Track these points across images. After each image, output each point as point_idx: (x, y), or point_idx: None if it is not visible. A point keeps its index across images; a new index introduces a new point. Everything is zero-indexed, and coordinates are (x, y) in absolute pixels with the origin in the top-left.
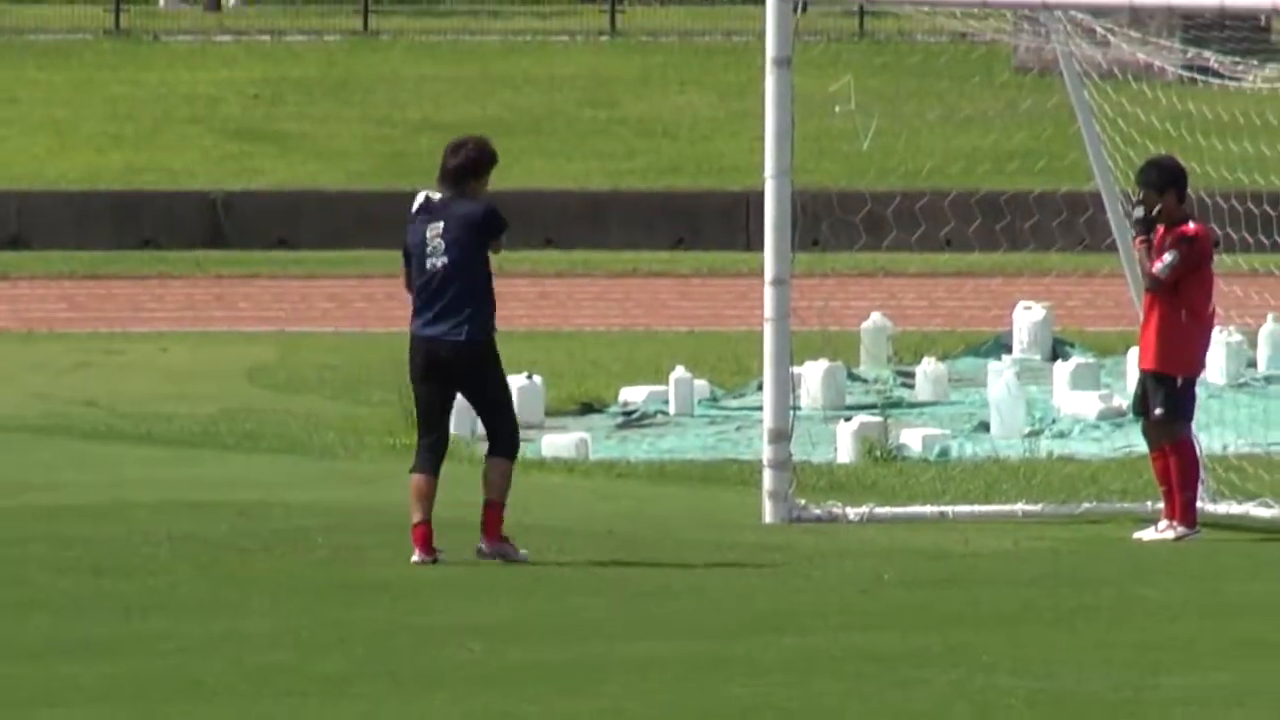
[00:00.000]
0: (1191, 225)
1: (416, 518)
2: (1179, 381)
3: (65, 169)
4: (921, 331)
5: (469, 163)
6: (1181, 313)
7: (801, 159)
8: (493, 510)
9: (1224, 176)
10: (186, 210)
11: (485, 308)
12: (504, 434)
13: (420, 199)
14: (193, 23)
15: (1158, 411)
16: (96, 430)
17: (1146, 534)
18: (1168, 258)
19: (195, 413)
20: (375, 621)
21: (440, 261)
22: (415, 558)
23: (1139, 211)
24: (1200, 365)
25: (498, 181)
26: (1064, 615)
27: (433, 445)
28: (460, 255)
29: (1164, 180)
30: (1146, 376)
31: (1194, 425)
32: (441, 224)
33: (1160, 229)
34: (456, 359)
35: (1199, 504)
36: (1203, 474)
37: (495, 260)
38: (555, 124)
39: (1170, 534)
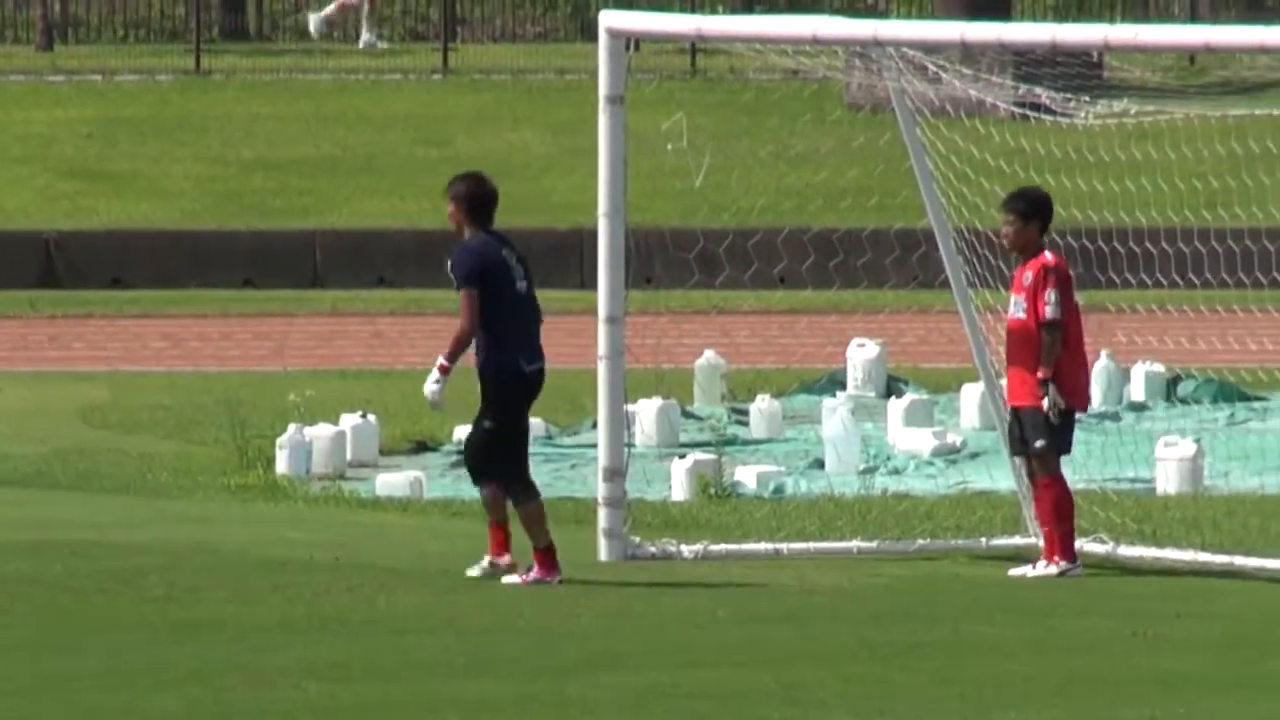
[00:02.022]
0: (1049, 255)
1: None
2: (1062, 407)
3: None
4: (755, 369)
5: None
6: (1059, 346)
7: (635, 197)
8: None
9: (1057, 213)
10: (19, 250)
11: None
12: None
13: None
14: (25, 62)
15: (1039, 444)
16: None
17: (1025, 570)
18: (1051, 297)
19: (29, 453)
20: (210, 661)
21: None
22: (560, 577)
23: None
24: (1086, 397)
25: (330, 218)
26: (899, 652)
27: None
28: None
29: (1030, 210)
30: (1022, 412)
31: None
32: (514, 254)
33: (1020, 263)
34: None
35: (1033, 541)
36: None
37: (329, 299)
38: (388, 162)
39: (1053, 569)
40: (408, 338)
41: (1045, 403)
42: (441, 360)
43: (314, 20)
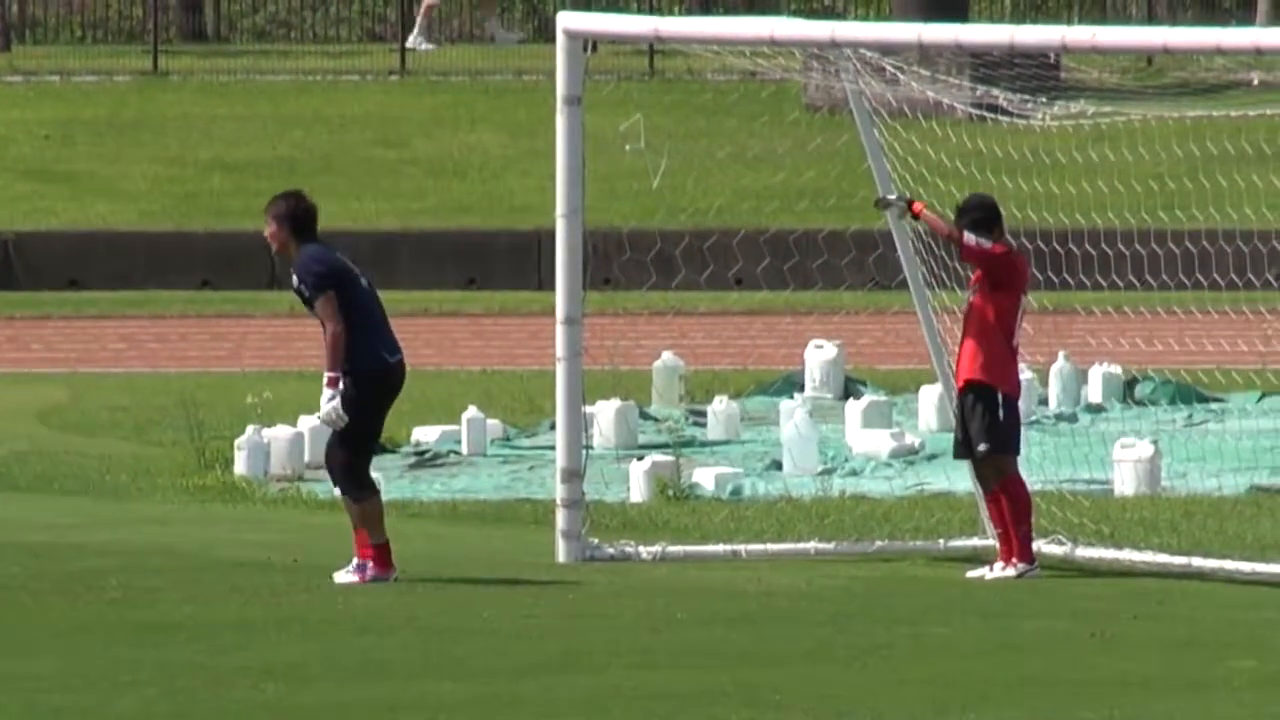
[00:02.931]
0: (1002, 246)
1: (386, 536)
2: (1000, 396)
3: None
4: (713, 370)
5: None
6: (994, 331)
7: (592, 198)
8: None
9: (1014, 214)
10: None
11: None
12: None
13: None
14: None
15: (981, 448)
16: None
17: (983, 572)
18: (973, 240)
19: None
20: (168, 662)
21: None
22: (395, 574)
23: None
24: (1018, 387)
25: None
26: (857, 654)
27: None
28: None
29: (987, 218)
30: (965, 398)
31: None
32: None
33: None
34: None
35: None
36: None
37: (287, 300)
38: (345, 163)
39: (1011, 571)
40: None
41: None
42: (328, 374)
43: (414, 39)
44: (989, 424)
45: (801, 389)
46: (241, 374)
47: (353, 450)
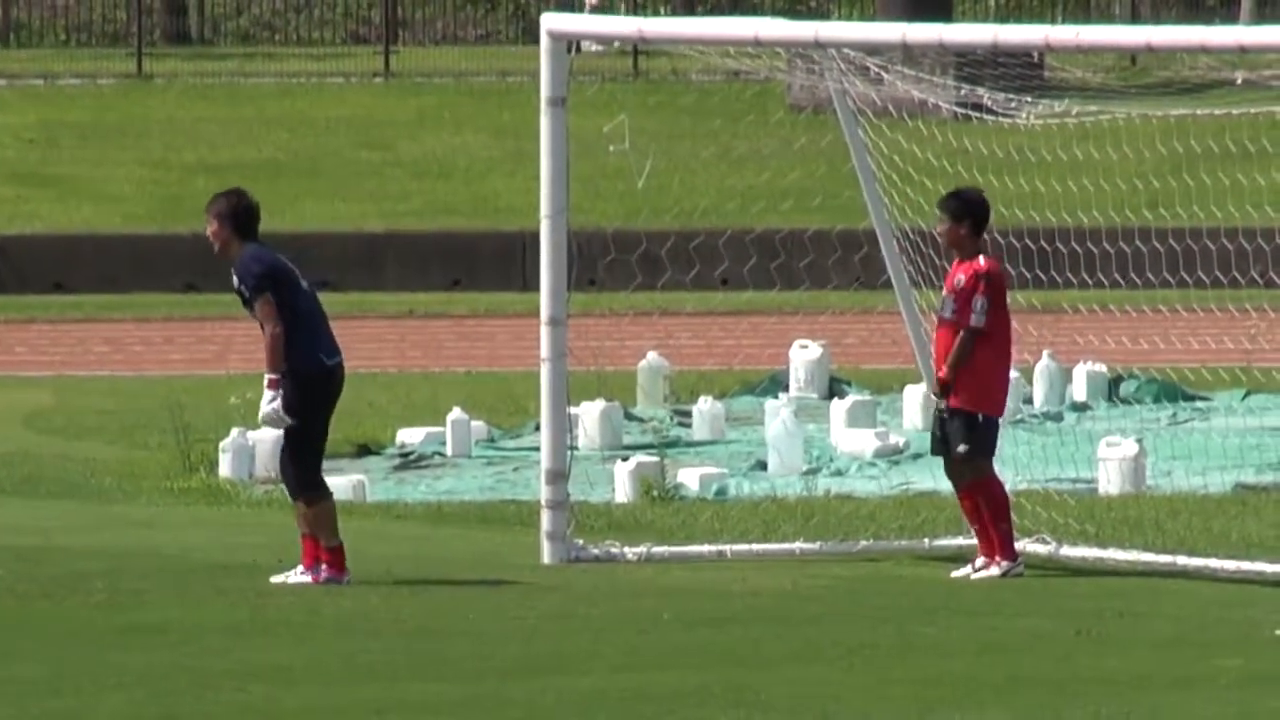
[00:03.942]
0: (983, 260)
1: (340, 539)
2: (980, 418)
3: None
4: (698, 371)
5: None
6: (985, 352)
7: (577, 199)
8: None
9: (1000, 213)
10: None
11: None
12: None
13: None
14: None
15: (961, 448)
16: None
17: (965, 571)
18: (978, 305)
19: None
20: (154, 665)
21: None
22: (349, 577)
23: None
24: (1003, 404)
25: (273, 222)
26: (843, 654)
27: None
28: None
29: (961, 210)
30: (946, 414)
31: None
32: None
33: (955, 261)
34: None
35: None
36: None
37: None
38: (330, 165)
39: (995, 570)
40: (350, 341)
41: (937, 400)
42: (268, 376)
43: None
44: (968, 434)
45: (786, 389)
46: (226, 377)
47: (301, 454)
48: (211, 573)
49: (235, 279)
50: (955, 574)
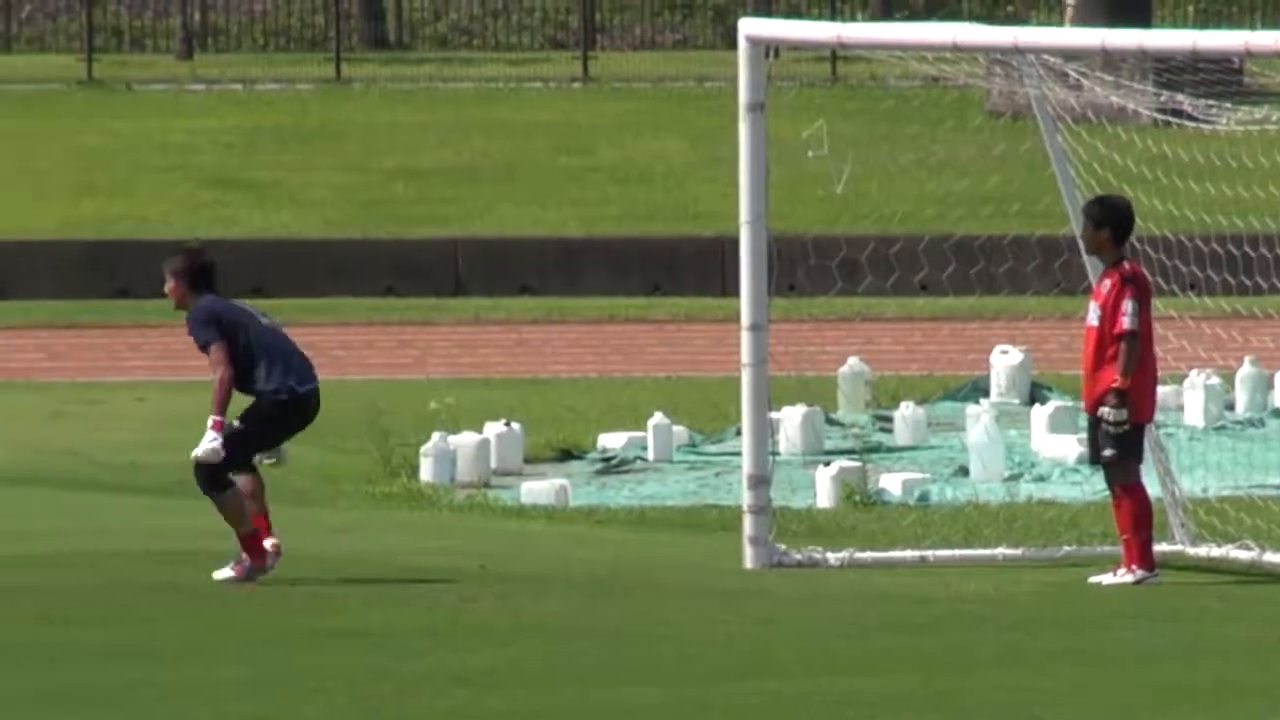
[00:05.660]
0: (1127, 264)
1: (251, 527)
2: (1128, 425)
3: (40, 219)
4: (899, 376)
5: None
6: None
7: (776, 204)
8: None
9: (1200, 219)
10: (161, 259)
11: None
12: None
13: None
14: (165, 71)
15: (1108, 452)
16: (75, 480)
17: (1105, 579)
18: (1128, 308)
19: (172, 461)
20: (355, 668)
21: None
22: (270, 565)
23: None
24: (1149, 410)
25: (472, 226)
26: (1046, 659)
27: None
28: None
29: (1102, 217)
30: (1096, 421)
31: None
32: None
33: (1102, 270)
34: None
35: (1179, 548)
36: (1183, 517)
37: (472, 307)
38: (529, 170)
39: (1130, 578)
40: (551, 346)
41: (1109, 412)
42: (213, 418)
43: None
44: (1115, 439)
45: (988, 394)
46: (426, 381)
47: (233, 455)
48: (412, 577)
49: (189, 334)
50: (1091, 580)
